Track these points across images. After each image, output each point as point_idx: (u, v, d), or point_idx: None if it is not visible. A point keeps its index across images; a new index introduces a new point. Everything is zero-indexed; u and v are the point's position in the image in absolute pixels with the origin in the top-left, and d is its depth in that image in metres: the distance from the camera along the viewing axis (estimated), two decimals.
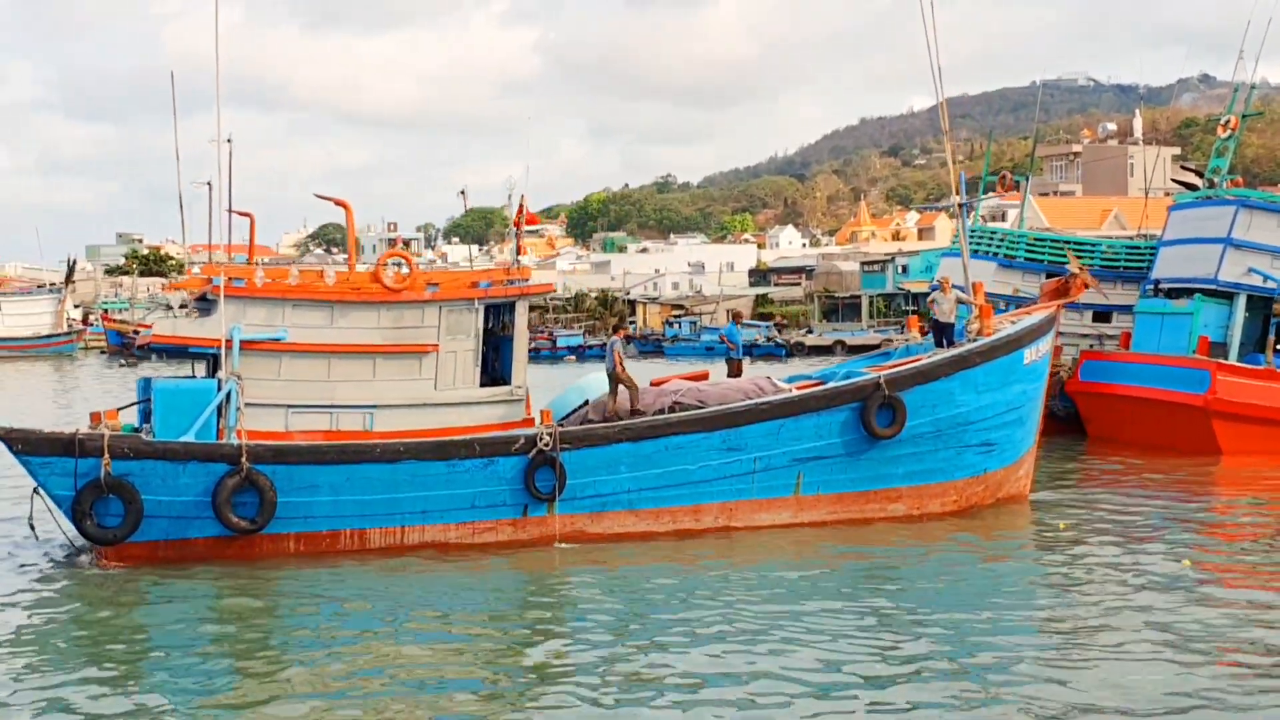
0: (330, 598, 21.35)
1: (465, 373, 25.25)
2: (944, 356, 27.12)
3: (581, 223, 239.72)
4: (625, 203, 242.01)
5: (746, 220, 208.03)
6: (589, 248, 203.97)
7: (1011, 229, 47.19)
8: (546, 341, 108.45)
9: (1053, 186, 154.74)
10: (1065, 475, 34.48)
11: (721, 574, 22.78)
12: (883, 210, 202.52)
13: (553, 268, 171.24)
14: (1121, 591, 21.09)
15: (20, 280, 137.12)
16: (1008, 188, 47.56)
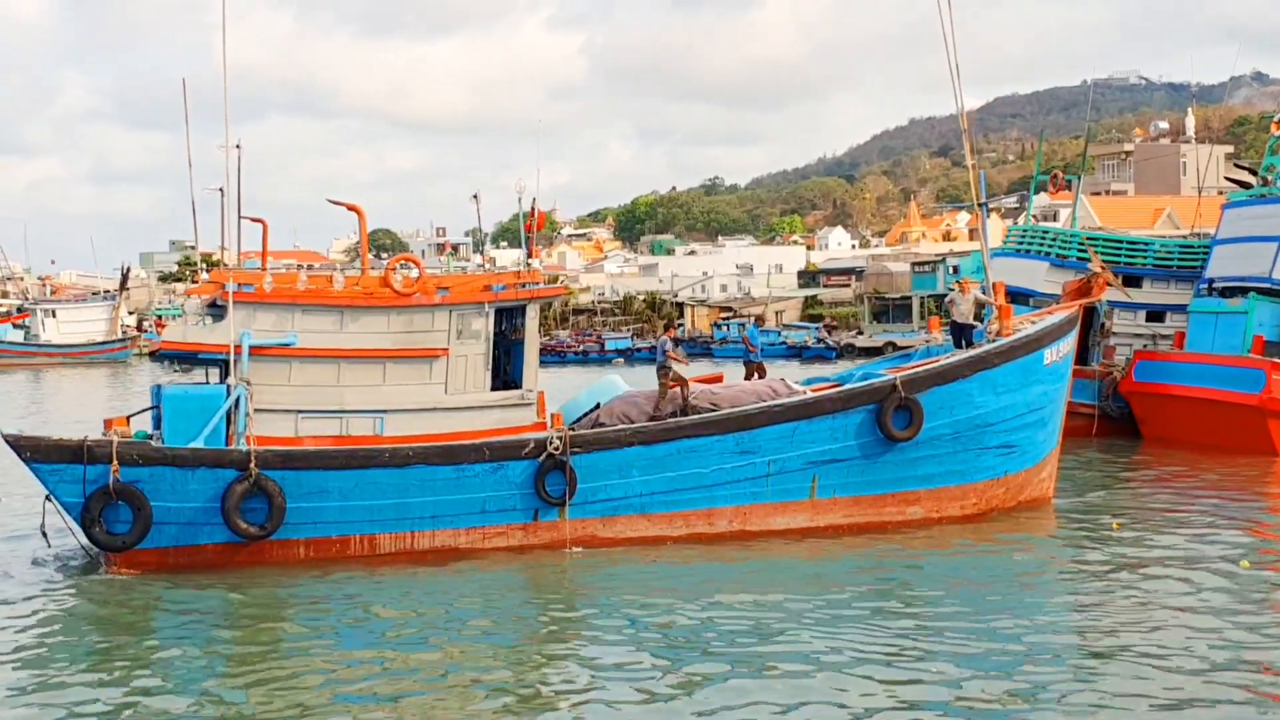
0: (340, 604, 21.16)
1: (476, 377, 25.00)
2: (962, 357, 26.69)
3: (629, 225, 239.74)
4: (673, 205, 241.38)
5: (795, 222, 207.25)
6: (637, 250, 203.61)
7: (1064, 228, 46.64)
8: (595, 344, 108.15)
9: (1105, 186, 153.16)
10: (1119, 475, 34.04)
11: (735, 579, 22.47)
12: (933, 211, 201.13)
13: (600, 271, 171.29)
14: (1176, 591, 20.74)
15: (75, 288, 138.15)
16: (1060, 187, 47.07)
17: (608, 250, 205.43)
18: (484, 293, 25.15)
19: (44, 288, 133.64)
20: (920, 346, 30.87)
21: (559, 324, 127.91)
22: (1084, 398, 40.75)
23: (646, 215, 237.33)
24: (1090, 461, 36.50)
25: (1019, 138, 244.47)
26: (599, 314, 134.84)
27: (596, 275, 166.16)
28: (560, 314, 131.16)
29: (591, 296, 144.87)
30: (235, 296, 23.94)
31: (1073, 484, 31.78)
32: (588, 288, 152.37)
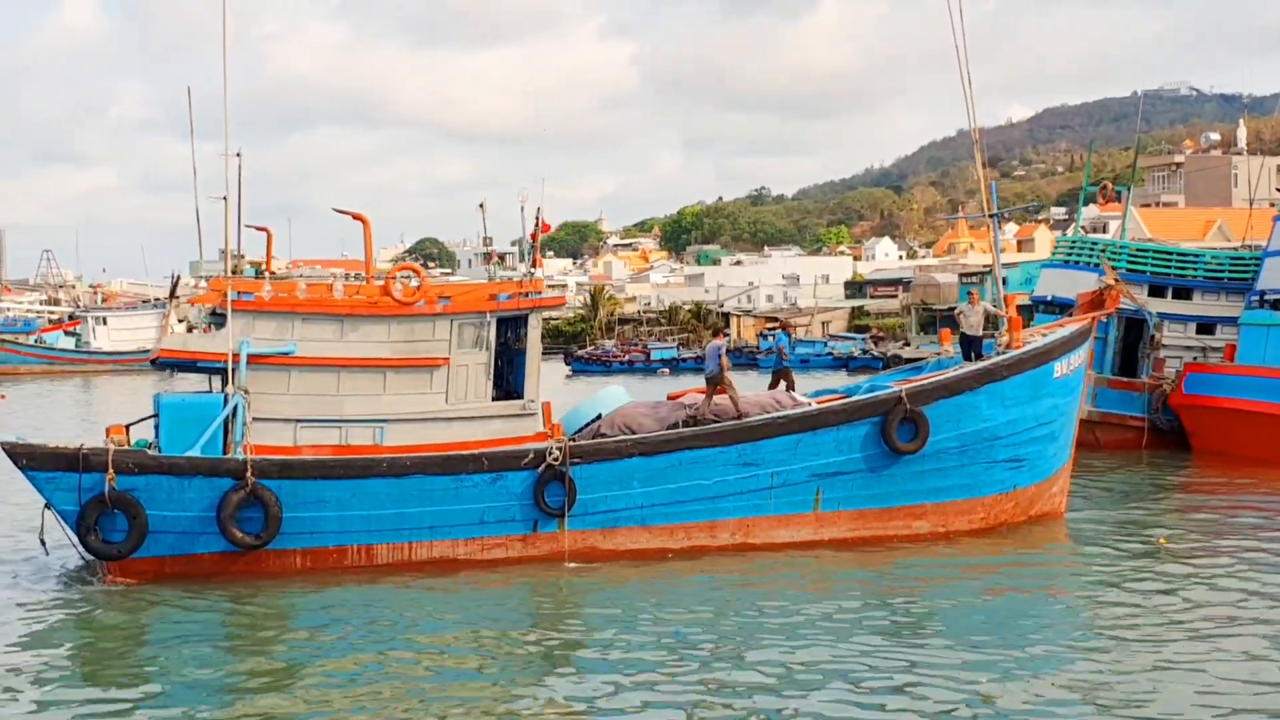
0: (336, 615, 20.95)
1: (477, 386, 24.73)
2: (969, 370, 26.24)
3: (675, 236, 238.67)
4: (719, 215, 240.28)
5: (842, 232, 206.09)
6: (683, 260, 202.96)
7: (1113, 240, 45.98)
8: (640, 354, 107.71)
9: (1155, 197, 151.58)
10: (1167, 489, 33.55)
11: (737, 593, 22.13)
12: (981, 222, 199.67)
13: (646, 281, 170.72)
14: (1226, 604, 20.40)
15: (126, 296, 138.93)
16: (1109, 199, 46.57)
17: (654, 260, 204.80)
18: (485, 302, 24.85)
19: (95, 295, 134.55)
20: (931, 359, 30.29)
21: (604, 334, 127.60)
22: (1133, 410, 40.45)
23: (693, 225, 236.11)
24: (1137, 474, 35.96)
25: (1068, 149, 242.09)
26: (644, 324, 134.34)
27: (642, 285, 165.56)
28: (606, 324, 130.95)
29: (637, 306, 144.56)
30: (235, 305, 23.75)
31: (1112, 497, 31.37)
32: (633, 297, 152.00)
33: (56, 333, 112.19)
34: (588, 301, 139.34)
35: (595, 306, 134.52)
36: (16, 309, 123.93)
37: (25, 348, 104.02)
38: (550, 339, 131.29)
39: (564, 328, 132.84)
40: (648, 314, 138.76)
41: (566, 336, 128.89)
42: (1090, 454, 38.46)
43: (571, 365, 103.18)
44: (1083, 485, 32.52)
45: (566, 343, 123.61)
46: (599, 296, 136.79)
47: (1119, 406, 40.47)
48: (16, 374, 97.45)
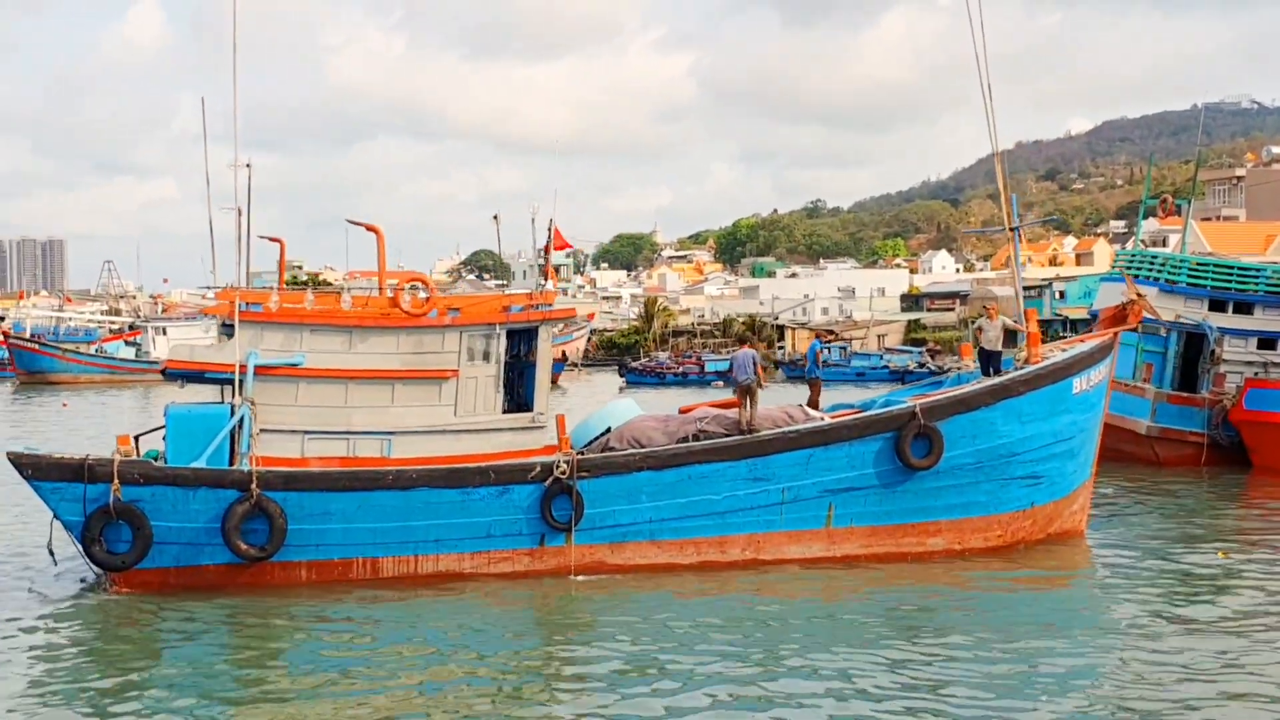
0: (340, 628, 20.77)
1: (486, 398, 24.40)
2: (985, 385, 25.67)
3: (730, 248, 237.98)
4: (774, 228, 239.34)
5: (898, 245, 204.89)
6: (738, 273, 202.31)
7: (1173, 254, 45.14)
8: (694, 366, 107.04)
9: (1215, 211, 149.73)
10: (1226, 505, 32.87)
11: (747, 610, 21.72)
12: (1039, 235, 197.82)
13: (700, 293, 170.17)
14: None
15: (186, 306, 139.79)
16: (1169, 212, 45.79)
17: (708, 272, 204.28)
18: (494, 314, 24.53)
19: (155, 306, 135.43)
20: (952, 374, 29.72)
21: (658, 345, 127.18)
22: (1193, 426, 39.66)
23: (747, 237, 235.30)
24: (1196, 489, 35.25)
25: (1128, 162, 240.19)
26: (698, 336, 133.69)
27: (696, 297, 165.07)
28: (660, 335, 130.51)
29: (691, 318, 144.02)
30: (243, 316, 23.56)
31: (1165, 513, 30.82)
32: (687, 310, 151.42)
33: (117, 342, 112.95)
34: (642, 313, 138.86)
35: (649, 318, 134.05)
36: (78, 319, 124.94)
37: (87, 357, 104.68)
38: (604, 351, 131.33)
39: (618, 339, 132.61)
40: (702, 326, 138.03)
41: (621, 348, 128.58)
42: (1149, 470, 37.99)
43: (626, 377, 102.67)
44: (1136, 499, 32.22)
45: (620, 354, 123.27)
46: (653, 308, 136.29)
47: (1179, 422, 39.65)
48: (77, 383, 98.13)
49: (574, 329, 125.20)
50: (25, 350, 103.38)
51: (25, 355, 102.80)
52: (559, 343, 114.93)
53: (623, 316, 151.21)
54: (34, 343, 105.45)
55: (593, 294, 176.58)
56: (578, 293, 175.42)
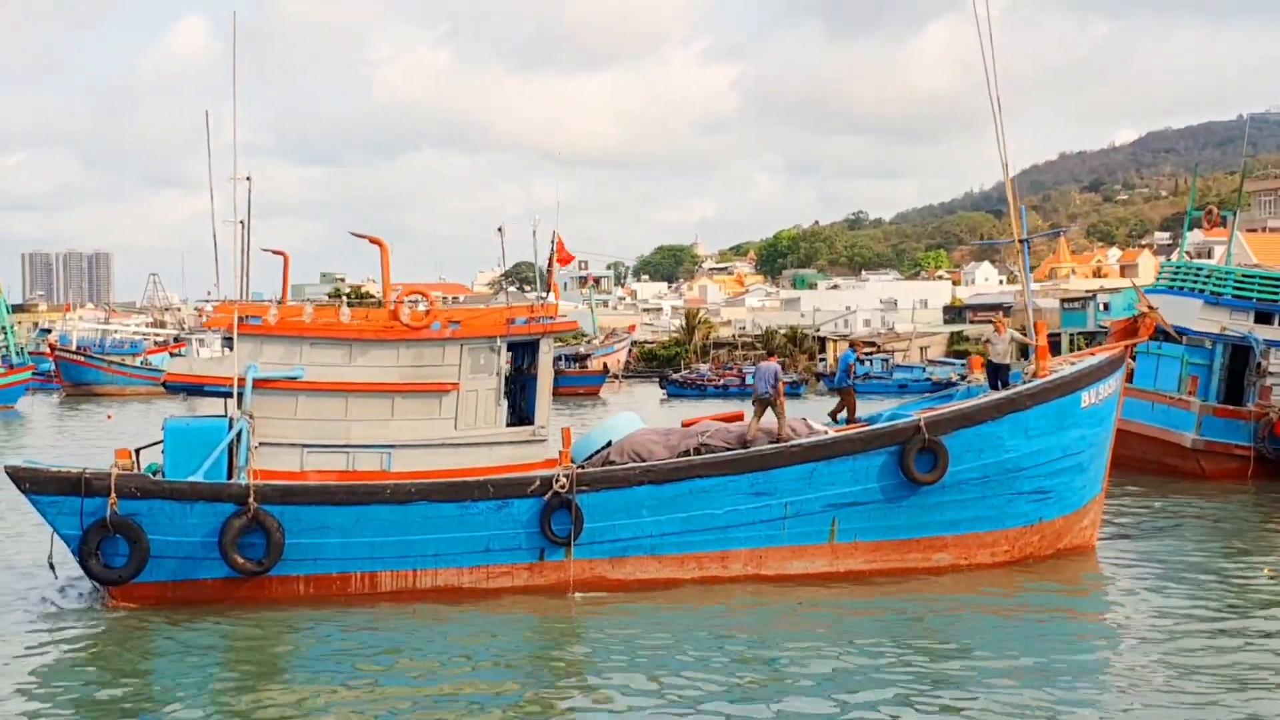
0: (337, 644, 20.50)
1: (487, 412, 24.07)
2: (991, 399, 25.18)
3: (771, 259, 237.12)
4: (815, 239, 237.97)
5: (941, 256, 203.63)
6: (779, 284, 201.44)
7: (1218, 265, 44.40)
8: (735, 378, 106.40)
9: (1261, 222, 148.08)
10: (1272, 520, 32.06)
11: (749, 627, 21.32)
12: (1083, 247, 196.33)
13: (741, 304, 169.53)
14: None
15: None
16: (1214, 224, 45.11)
17: (749, 284, 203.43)
18: (495, 327, 24.20)
19: (199, 318, 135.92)
20: (962, 387, 29.22)
21: (699, 357, 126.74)
22: (1239, 439, 38.94)
23: (789, 249, 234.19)
24: (1240, 503, 34.40)
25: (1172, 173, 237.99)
26: (739, 348, 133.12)
27: (737, 309, 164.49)
28: (701, 347, 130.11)
29: (732, 330, 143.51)
30: (242, 329, 23.35)
31: (1204, 528, 30.27)
32: (728, 321, 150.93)
33: (162, 354, 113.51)
34: (682, 325, 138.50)
35: (690, 330, 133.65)
36: (123, 331, 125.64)
37: (132, 369, 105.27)
38: (645, 362, 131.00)
39: (659, 351, 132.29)
40: (743, 338, 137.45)
41: (661, 360, 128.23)
42: (1194, 484, 37.34)
43: (666, 389, 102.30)
44: (1174, 513, 31.90)
45: (661, 366, 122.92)
46: (694, 320, 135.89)
47: (1224, 435, 38.88)
48: (123, 394, 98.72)
49: (615, 341, 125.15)
50: (71, 363, 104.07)
51: (71, 368, 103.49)
52: (601, 355, 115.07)
53: (663, 328, 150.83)
54: (80, 355, 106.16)
55: (633, 306, 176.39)
56: (618, 304, 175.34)
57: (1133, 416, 40.45)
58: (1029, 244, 26.80)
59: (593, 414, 75.35)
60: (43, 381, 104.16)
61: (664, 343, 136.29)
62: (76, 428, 68.68)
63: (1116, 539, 28.46)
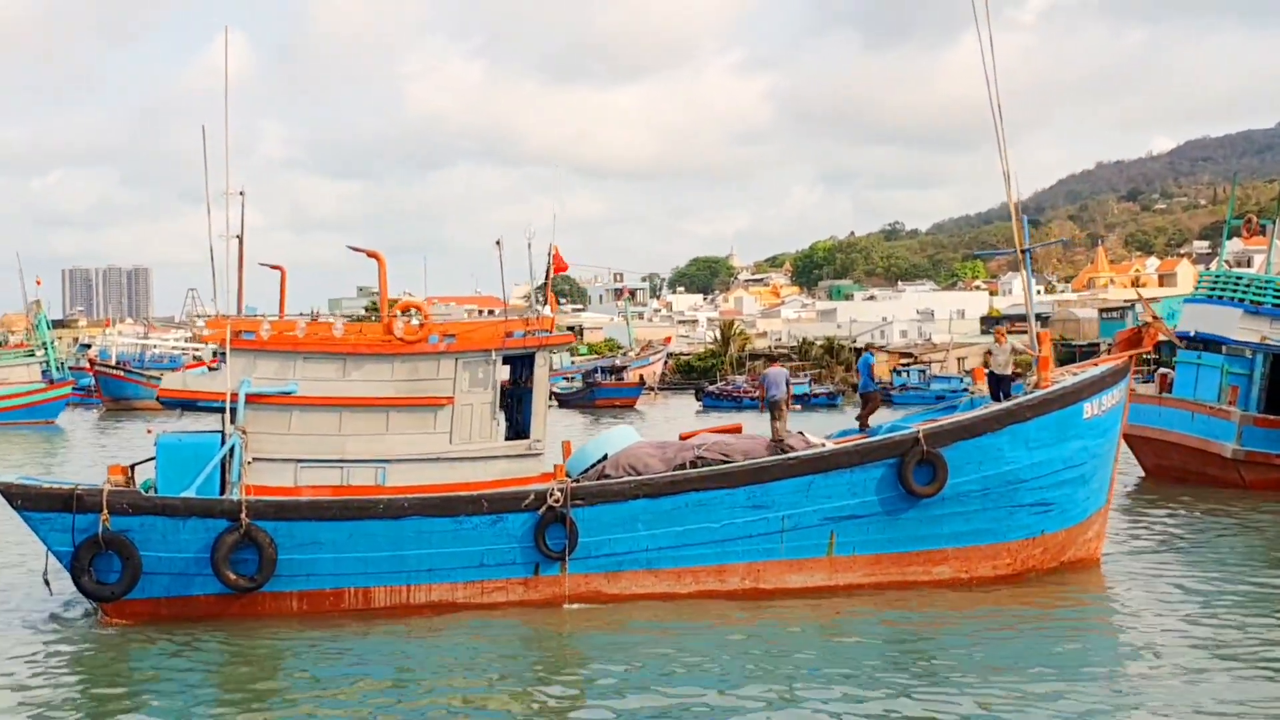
0: (330, 660, 20.25)
1: (482, 426, 23.75)
2: (990, 410, 24.70)
3: (807, 271, 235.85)
4: (851, 250, 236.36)
5: (978, 267, 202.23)
6: (815, 295, 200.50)
7: (1259, 274, 43.66)
8: None
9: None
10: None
11: (747, 641, 20.97)
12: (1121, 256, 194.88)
13: (777, 316, 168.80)
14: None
15: None
16: (1253, 232, 44.37)
17: (785, 295, 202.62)
18: (490, 340, 23.90)
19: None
20: (965, 399, 28.71)
21: (735, 369, 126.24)
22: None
23: (825, 260, 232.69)
24: (1277, 515, 33.53)
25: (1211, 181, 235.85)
26: (776, 359, 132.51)
27: (773, 320, 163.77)
28: (736, 359, 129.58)
29: (768, 341, 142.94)
30: (235, 344, 23.15)
31: (1238, 543, 29.59)
32: (764, 333, 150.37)
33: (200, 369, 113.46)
34: (718, 337, 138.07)
35: (726, 342, 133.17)
36: (162, 346, 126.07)
37: None
38: (681, 374, 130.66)
39: (695, 363, 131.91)
40: (779, 349, 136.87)
41: (697, 372, 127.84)
42: (1235, 494, 36.67)
43: (703, 400, 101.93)
44: (1208, 525, 31.36)
45: (697, 378, 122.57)
46: (729, 331, 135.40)
47: (1265, 445, 38.03)
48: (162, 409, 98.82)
49: (651, 353, 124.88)
50: (111, 377, 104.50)
51: (111, 382, 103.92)
52: (637, 366, 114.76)
53: (699, 340, 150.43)
54: (119, 370, 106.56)
55: (669, 318, 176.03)
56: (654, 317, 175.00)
57: (1172, 426, 39.95)
58: (1030, 254, 26.23)
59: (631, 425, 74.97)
60: (83, 396, 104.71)
61: (699, 354, 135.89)
62: (115, 442, 68.80)
63: (1134, 552, 27.94)
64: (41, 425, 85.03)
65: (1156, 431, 40.67)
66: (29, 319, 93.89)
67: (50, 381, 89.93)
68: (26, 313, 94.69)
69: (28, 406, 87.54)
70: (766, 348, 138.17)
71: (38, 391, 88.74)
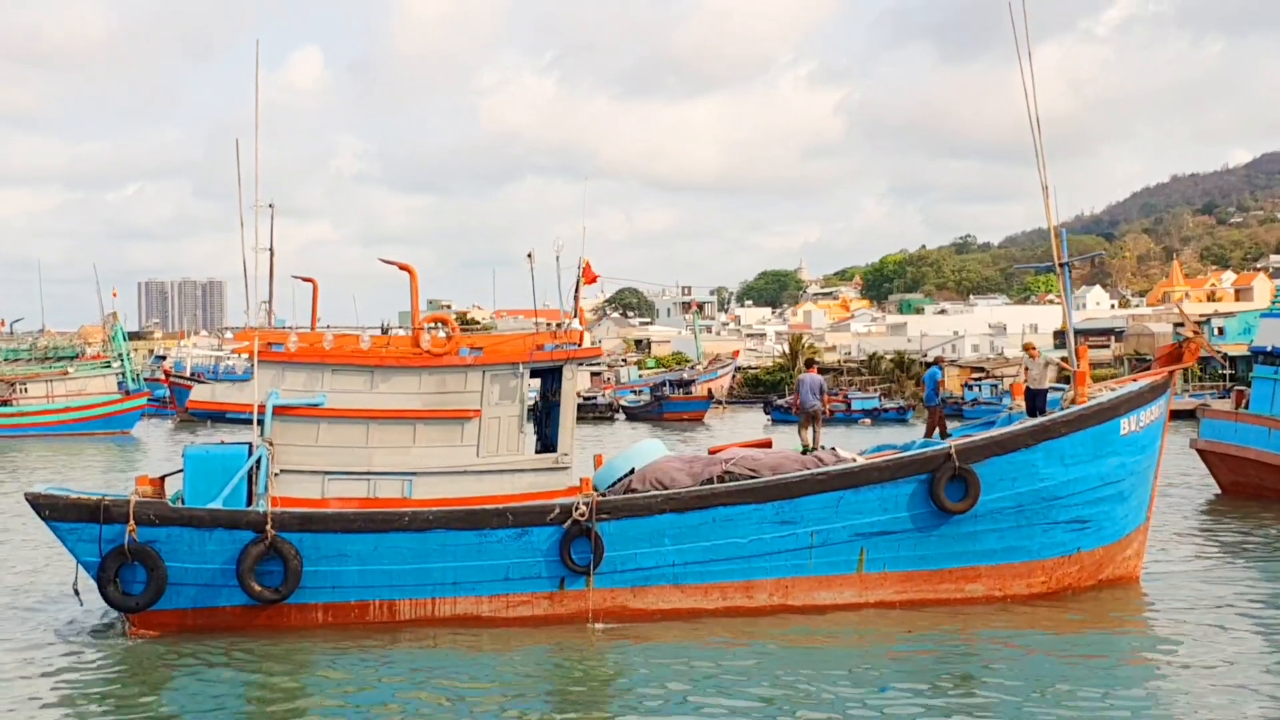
0: (356, 674, 19.99)
1: (509, 439, 23.47)
2: (1024, 426, 24.08)
3: (877, 284, 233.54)
4: (922, 264, 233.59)
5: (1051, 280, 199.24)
6: (885, 309, 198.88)
7: None
8: (841, 404, 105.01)
9: None
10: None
11: (775, 658, 20.52)
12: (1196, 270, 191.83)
13: (847, 330, 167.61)
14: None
15: None
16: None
17: (854, 309, 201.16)
18: (517, 353, 23.63)
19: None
20: (1004, 414, 28.08)
21: None
22: None
23: (895, 274, 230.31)
24: None
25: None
26: (845, 373, 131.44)
27: (842, 334, 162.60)
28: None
29: (837, 355, 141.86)
30: (264, 356, 23.06)
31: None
32: (833, 346, 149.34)
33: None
34: (787, 351, 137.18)
35: (794, 355, 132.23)
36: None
37: None
38: (749, 388, 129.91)
39: (763, 377, 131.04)
40: (848, 363, 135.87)
41: (765, 385, 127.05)
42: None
43: (771, 414, 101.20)
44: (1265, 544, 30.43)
45: (765, 392, 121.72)
46: (798, 345, 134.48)
47: None
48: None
49: (719, 366, 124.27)
50: (186, 388, 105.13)
51: (185, 393, 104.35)
52: (705, 380, 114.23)
53: (767, 353, 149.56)
54: (194, 381, 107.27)
55: (737, 331, 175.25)
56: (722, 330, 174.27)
57: (1248, 442, 39.07)
58: (1069, 268, 25.58)
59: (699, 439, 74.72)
60: (158, 407, 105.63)
61: (768, 368, 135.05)
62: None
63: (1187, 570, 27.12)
64: (118, 435, 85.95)
65: (1232, 448, 39.72)
66: (106, 331, 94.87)
67: (126, 392, 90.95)
68: (103, 325, 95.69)
69: (105, 417, 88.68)
70: (836, 361, 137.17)
71: (114, 402, 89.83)
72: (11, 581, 27.60)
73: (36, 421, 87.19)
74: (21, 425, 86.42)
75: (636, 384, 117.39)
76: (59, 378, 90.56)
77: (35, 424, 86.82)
